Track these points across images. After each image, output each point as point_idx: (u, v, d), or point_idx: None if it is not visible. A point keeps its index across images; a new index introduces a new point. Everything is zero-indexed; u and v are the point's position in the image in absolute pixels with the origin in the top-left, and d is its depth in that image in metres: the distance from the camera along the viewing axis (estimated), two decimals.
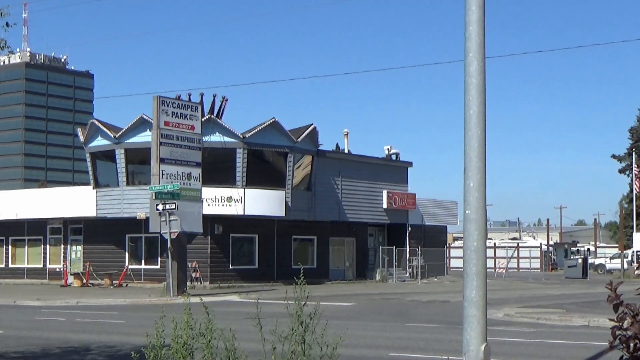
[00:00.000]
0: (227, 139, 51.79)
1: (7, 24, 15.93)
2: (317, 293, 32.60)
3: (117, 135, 52.85)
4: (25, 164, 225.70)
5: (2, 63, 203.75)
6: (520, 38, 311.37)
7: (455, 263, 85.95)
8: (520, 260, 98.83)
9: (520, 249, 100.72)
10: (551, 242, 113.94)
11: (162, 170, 43.32)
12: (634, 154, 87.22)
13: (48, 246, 60.91)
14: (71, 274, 56.28)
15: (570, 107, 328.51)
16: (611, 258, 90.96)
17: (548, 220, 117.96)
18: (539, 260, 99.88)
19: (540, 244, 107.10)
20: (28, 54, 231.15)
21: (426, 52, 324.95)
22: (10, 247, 63.01)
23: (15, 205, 60.57)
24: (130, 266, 55.35)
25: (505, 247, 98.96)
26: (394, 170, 65.75)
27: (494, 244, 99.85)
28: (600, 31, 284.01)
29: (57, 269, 59.04)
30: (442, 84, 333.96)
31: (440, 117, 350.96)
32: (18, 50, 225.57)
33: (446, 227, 74.23)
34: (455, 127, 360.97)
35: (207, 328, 9.09)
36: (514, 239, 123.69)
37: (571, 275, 73.65)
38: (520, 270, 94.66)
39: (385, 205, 63.28)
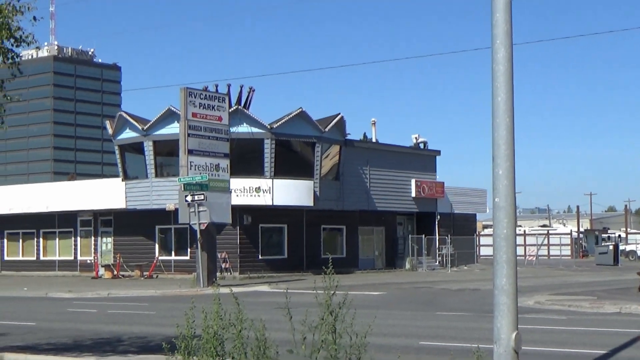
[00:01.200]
0: (254, 129, 51.83)
1: (34, 18, 16.00)
2: (346, 282, 32.61)
3: (145, 128, 53.02)
4: (55, 157, 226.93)
5: (30, 57, 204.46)
6: (548, 24, 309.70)
7: (485, 251, 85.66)
8: (551, 247, 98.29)
9: (550, 236, 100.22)
10: (581, 229, 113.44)
11: (191, 162, 43.42)
12: None
13: (79, 238, 61.26)
14: (102, 266, 56.58)
15: (600, 93, 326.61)
16: None
17: (578, 207, 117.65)
18: (569, 247, 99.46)
19: (571, 230, 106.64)
20: (56, 47, 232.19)
21: (454, 39, 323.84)
22: (41, 239, 63.43)
23: (46, 198, 60.97)
24: (160, 257, 55.56)
25: (535, 234, 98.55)
26: (422, 158, 65.60)
27: (524, 231, 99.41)
28: (630, 15, 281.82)
29: (88, 261, 59.36)
30: (470, 71, 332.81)
31: (469, 105, 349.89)
32: (46, 44, 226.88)
33: (475, 215, 74.02)
34: (483, 115, 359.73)
35: (238, 318, 9.11)
36: (544, 226, 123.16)
37: (602, 262, 73.26)
38: (551, 257, 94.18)
39: (413, 194, 63.17)
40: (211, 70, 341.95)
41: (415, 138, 67.25)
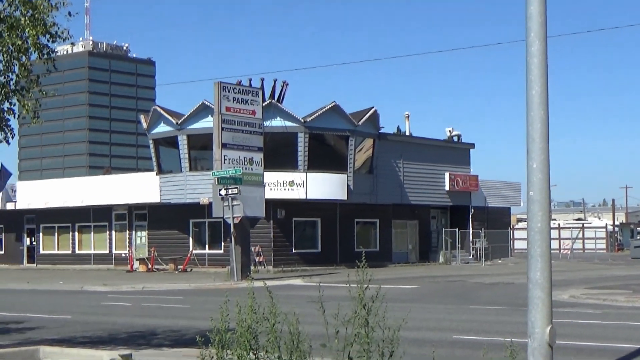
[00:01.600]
0: (288, 123, 51.88)
1: (69, 14, 16.09)
2: (380, 276, 32.58)
3: (179, 122, 53.22)
4: (90, 151, 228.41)
5: (65, 52, 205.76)
6: (584, 15, 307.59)
7: (519, 245, 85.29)
8: (585, 241, 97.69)
9: (585, 229, 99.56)
10: (617, 223, 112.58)
11: (224, 156, 43.52)
12: None
13: (114, 232, 61.64)
14: (136, 260, 56.90)
15: (637, 84, 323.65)
16: None
17: (613, 200, 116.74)
18: (604, 241, 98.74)
19: (606, 224, 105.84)
20: (91, 42, 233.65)
21: (487, 32, 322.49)
22: (77, 233, 63.88)
23: (81, 192, 61.38)
24: (194, 251, 55.78)
25: (569, 228, 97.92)
26: (455, 152, 65.39)
27: (559, 225, 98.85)
28: None
29: (123, 255, 59.71)
30: (504, 64, 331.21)
31: (503, 98, 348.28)
32: (81, 39, 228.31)
33: (509, 208, 73.73)
34: (518, 108, 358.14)
35: (271, 312, 9.13)
36: (579, 219, 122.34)
37: (637, 256, 72.66)
38: (586, 251, 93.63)
39: (447, 188, 62.99)
40: (245, 64, 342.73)
41: (449, 131, 67.07)
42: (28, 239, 66.73)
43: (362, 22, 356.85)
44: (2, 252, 67.93)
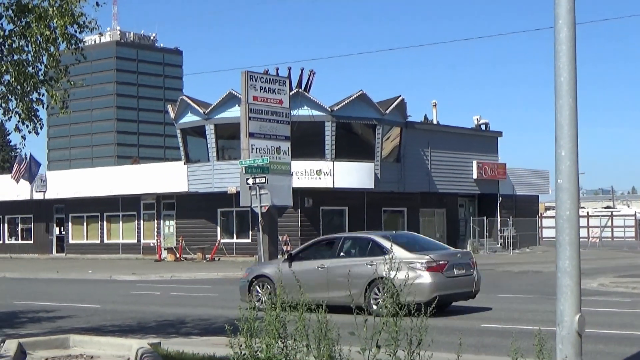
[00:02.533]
0: (315, 112, 51.88)
1: (97, 4, 16.16)
2: None
3: (206, 111, 53.33)
4: (118, 141, 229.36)
5: (93, 42, 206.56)
6: (612, 2, 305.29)
7: (547, 233, 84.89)
8: (614, 229, 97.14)
9: (614, 217, 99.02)
10: None
11: (252, 145, 43.55)
12: None
13: (142, 221, 61.91)
14: (165, 249, 57.13)
15: None
16: None
17: None
18: (633, 229, 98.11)
19: (635, 212, 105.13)
20: (118, 32, 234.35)
21: (515, 19, 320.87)
22: (105, 222, 64.22)
23: (110, 182, 61.64)
24: (222, 240, 55.95)
25: (598, 216, 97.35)
26: (483, 140, 65.16)
27: (587, 212, 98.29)
28: None
29: (151, 244, 59.97)
30: (532, 51, 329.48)
31: (531, 86, 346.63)
32: (108, 29, 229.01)
33: (538, 196, 73.43)
34: (546, 95, 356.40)
35: (300, 300, 9.15)
36: (608, 207, 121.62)
37: None
38: (615, 239, 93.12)
39: (475, 176, 62.77)
40: (272, 53, 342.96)
41: (477, 119, 66.83)
42: (57, 229, 67.17)
43: (389, 11, 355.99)
44: (32, 241, 68.40)
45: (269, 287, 22.97)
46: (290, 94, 47.65)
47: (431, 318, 8.86)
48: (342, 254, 22.94)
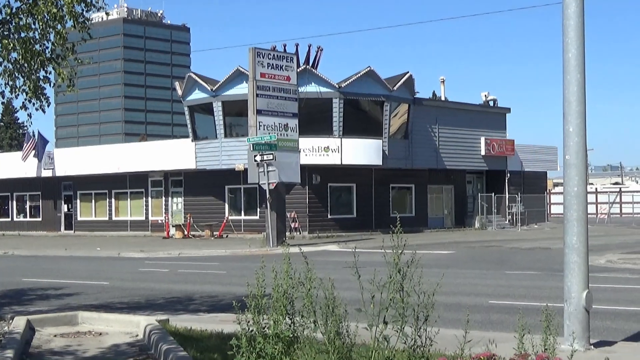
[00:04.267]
0: (323, 89, 51.78)
1: None
2: (415, 241, 32.60)
3: (214, 88, 53.27)
4: (126, 118, 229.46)
5: (100, 19, 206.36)
6: None
7: (555, 209, 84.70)
8: (623, 205, 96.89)
9: (622, 193, 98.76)
10: None
11: (259, 122, 43.57)
12: None
13: (150, 199, 61.99)
14: (173, 226, 57.21)
15: None
16: None
17: None
18: None
19: None
20: (125, 9, 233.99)
21: None
22: (113, 200, 64.33)
23: (117, 159, 61.71)
24: (230, 217, 56.02)
25: (607, 192, 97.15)
26: (491, 116, 65.00)
27: (595, 189, 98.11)
28: None
29: (159, 221, 60.07)
30: (540, 27, 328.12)
31: (539, 61, 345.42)
32: (115, 6, 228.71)
33: (546, 172, 73.31)
34: (554, 71, 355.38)
35: (307, 277, 9.15)
36: (616, 183, 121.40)
37: None
38: (623, 215, 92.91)
39: (483, 152, 62.69)
40: (279, 30, 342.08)
41: (485, 96, 66.64)
42: (65, 206, 67.31)
43: None
44: (40, 219, 68.59)
45: None
46: (298, 70, 47.61)
47: (438, 295, 8.86)
48: None
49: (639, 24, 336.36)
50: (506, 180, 65.25)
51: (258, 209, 54.06)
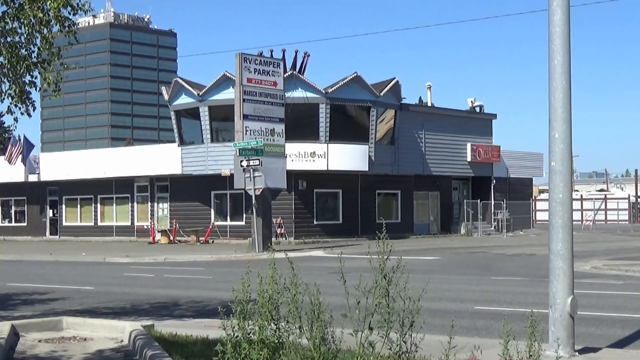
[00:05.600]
0: (309, 94, 51.80)
1: None
2: (401, 247, 32.61)
3: (200, 93, 53.24)
4: (112, 123, 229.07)
5: (87, 24, 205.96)
6: None
7: (541, 216, 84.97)
8: (608, 212, 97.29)
9: (607, 200, 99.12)
10: None
11: (246, 127, 43.54)
12: None
13: (135, 204, 61.86)
14: (158, 231, 57.10)
15: None
16: None
17: (637, 170, 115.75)
18: (627, 212, 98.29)
19: (629, 195, 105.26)
20: (112, 14, 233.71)
21: (509, 1, 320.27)
22: (99, 205, 64.16)
23: (103, 164, 61.53)
24: (215, 223, 55.96)
25: (592, 199, 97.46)
26: (478, 122, 65.11)
27: (581, 195, 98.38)
28: None
29: (145, 227, 59.96)
30: (526, 34, 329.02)
31: (526, 68, 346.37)
32: (102, 10, 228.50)
33: (531, 179, 73.46)
34: (540, 77, 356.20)
35: (292, 283, 9.16)
36: (601, 190, 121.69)
37: None
38: (608, 222, 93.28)
39: (469, 158, 62.78)
40: (266, 35, 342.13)
41: (471, 102, 66.76)
42: (51, 211, 67.10)
43: None
44: (25, 224, 68.36)
45: None
46: (285, 76, 47.64)
47: (424, 300, 8.87)
48: None
49: (624, 30, 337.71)
50: (492, 187, 65.33)
51: (244, 215, 54.03)
